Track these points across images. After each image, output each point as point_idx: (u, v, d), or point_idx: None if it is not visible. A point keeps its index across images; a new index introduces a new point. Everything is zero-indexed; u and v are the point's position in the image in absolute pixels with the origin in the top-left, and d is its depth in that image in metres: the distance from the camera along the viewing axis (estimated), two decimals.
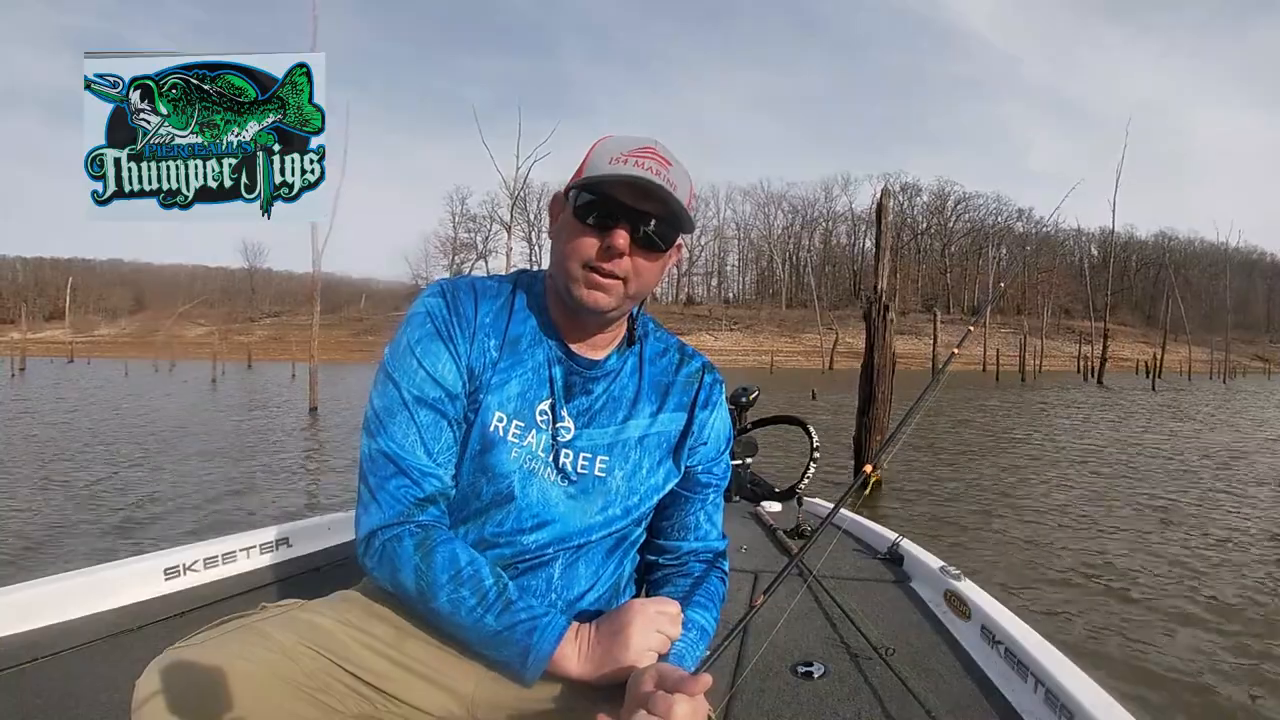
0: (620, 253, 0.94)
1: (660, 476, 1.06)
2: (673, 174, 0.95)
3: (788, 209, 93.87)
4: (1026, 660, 1.45)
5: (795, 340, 71.40)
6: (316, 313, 17.26)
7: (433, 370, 0.97)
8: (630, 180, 0.92)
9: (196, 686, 0.77)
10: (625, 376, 1.07)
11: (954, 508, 6.72)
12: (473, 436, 0.98)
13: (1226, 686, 3.10)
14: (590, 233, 0.95)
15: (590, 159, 0.97)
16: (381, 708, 0.90)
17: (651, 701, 0.75)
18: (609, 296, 0.97)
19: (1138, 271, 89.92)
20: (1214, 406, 20.95)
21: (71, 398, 19.24)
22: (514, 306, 1.04)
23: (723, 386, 1.15)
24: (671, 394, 1.09)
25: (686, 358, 1.13)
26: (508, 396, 0.99)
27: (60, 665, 1.49)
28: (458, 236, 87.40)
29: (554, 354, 1.03)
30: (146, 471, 7.99)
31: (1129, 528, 5.94)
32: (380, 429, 0.96)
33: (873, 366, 8.37)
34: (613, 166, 0.93)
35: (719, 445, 1.13)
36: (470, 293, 1.03)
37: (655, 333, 1.13)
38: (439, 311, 0.99)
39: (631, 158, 0.94)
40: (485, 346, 1.00)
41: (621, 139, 0.98)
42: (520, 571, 0.99)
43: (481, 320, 1.01)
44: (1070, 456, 10.16)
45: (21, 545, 5.05)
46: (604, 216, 0.94)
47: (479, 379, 0.99)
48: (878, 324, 8.44)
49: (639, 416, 1.06)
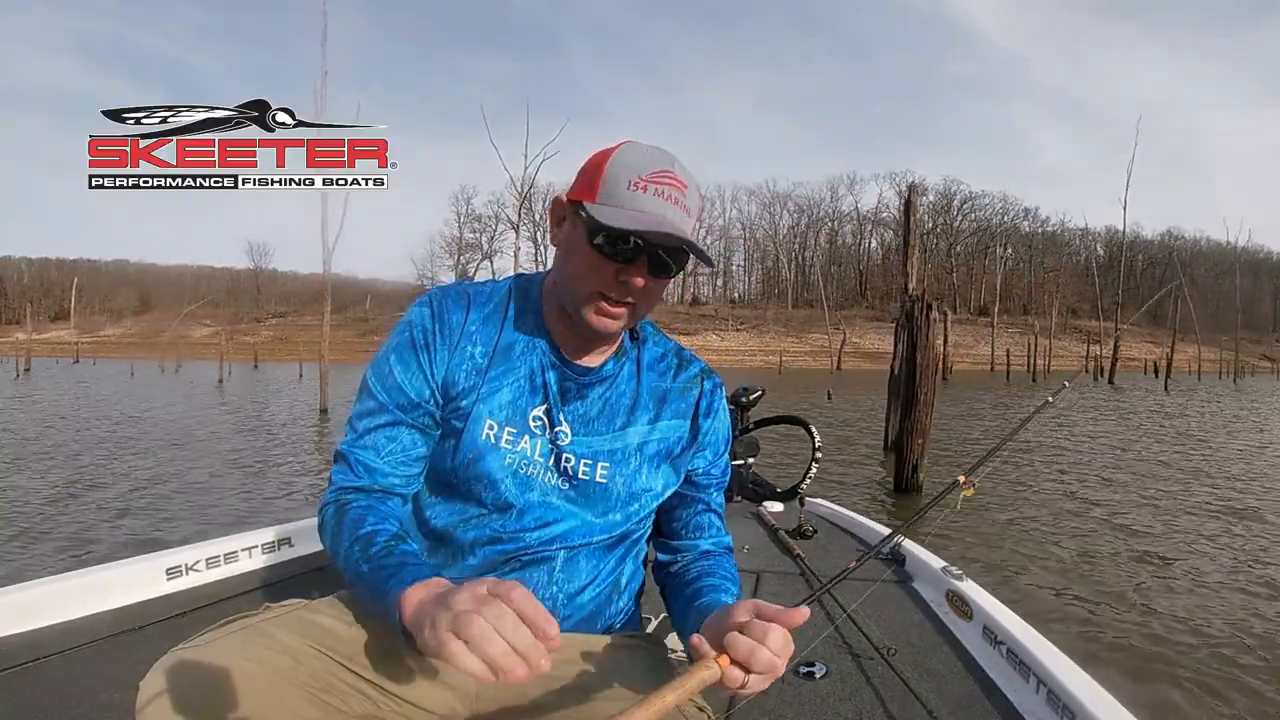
0: (639, 288, 0.94)
1: (659, 483, 1.07)
2: (689, 198, 0.95)
3: (793, 209, 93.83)
4: (1028, 660, 1.44)
5: (802, 340, 71.33)
6: (327, 312, 17.01)
7: (400, 379, 0.98)
8: (657, 234, 0.91)
9: (201, 687, 0.77)
10: (623, 382, 1.07)
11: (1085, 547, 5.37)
12: (464, 444, 0.99)
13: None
14: (605, 261, 0.93)
15: (606, 177, 0.94)
16: (385, 707, 0.90)
17: (748, 628, 0.79)
18: (618, 323, 0.97)
19: (1144, 270, 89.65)
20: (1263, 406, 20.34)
21: (78, 398, 19.33)
22: (509, 313, 1.04)
23: (723, 390, 1.16)
24: (670, 400, 1.09)
25: (684, 363, 1.13)
26: (499, 404, 1.00)
27: (62, 665, 1.50)
28: (463, 237, 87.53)
29: (548, 360, 1.03)
30: (154, 472, 8.01)
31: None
32: (349, 429, 1.00)
33: (915, 367, 7.80)
34: (633, 193, 0.92)
35: (718, 449, 1.14)
36: (461, 299, 1.03)
37: (654, 336, 1.13)
38: (420, 322, 1.00)
39: (651, 184, 0.92)
40: (469, 353, 1.00)
41: (638, 154, 0.95)
42: (523, 564, 1.00)
43: (468, 327, 1.01)
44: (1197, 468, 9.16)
45: (21, 546, 5.08)
46: (622, 251, 0.93)
47: (462, 385, 0.99)
48: (920, 323, 7.93)
49: (638, 423, 1.06)
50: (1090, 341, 61.28)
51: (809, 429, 3.97)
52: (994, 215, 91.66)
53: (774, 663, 0.78)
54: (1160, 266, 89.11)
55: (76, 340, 71.16)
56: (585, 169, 0.98)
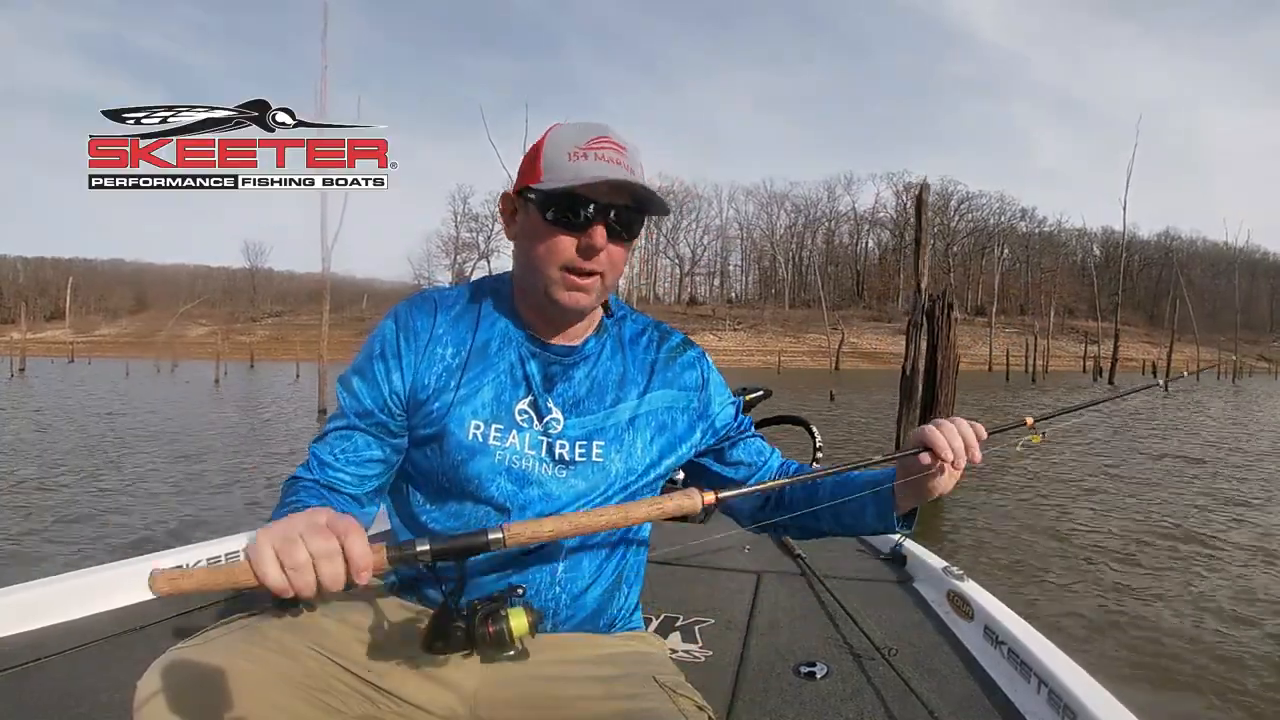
0: (600, 250, 0.96)
1: (655, 452, 1.08)
2: (629, 158, 0.97)
3: (790, 208, 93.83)
4: (1029, 661, 1.44)
5: (799, 340, 71.31)
6: (326, 312, 16.93)
7: (357, 388, 1.02)
8: (606, 181, 0.94)
9: (199, 687, 0.78)
10: (606, 359, 1.09)
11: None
12: (450, 447, 0.99)
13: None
14: (564, 233, 0.96)
15: (544, 154, 0.97)
16: (384, 707, 0.90)
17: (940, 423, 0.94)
18: (589, 295, 0.99)
19: (1140, 270, 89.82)
20: None
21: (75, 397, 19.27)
22: (480, 313, 1.06)
23: (707, 357, 1.19)
24: (657, 371, 1.11)
25: (665, 334, 1.16)
26: (482, 403, 1.01)
27: (62, 665, 1.49)
28: (460, 236, 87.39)
29: (526, 350, 1.04)
30: (151, 472, 8.00)
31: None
32: (320, 431, 1.04)
33: (935, 368, 7.68)
34: (574, 163, 0.95)
35: (726, 396, 1.17)
36: (427, 305, 1.06)
37: (631, 314, 1.15)
38: (384, 334, 1.04)
39: (590, 149, 0.95)
40: (439, 355, 1.02)
41: (571, 128, 0.98)
42: (526, 566, 1.00)
43: (435, 331, 1.03)
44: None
45: (21, 545, 5.07)
46: (577, 216, 0.95)
47: (432, 388, 1.01)
48: (940, 323, 7.77)
49: (628, 398, 1.07)
50: (1088, 341, 61.32)
51: (810, 429, 3.97)
52: (991, 215, 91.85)
53: (965, 433, 0.94)
54: (1156, 267, 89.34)
55: (72, 340, 71.01)
56: (524, 160, 1.01)
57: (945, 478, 0.96)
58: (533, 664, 0.94)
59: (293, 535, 0.72)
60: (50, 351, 65.35)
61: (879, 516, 1.03)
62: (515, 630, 0.80)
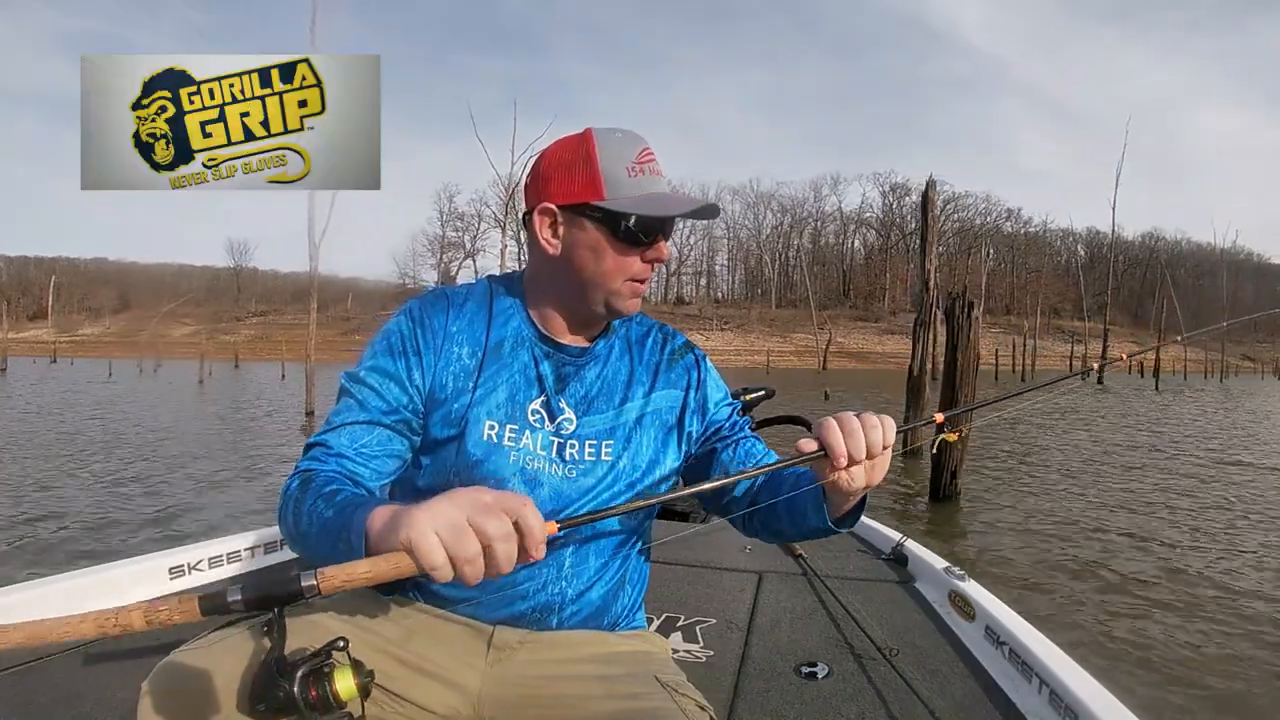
0: (663, 260, 1.02)
1: (658, 451, 1.08)
2: (660, 164, 1.02)
3: (777, 208, 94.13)
4: (1031, 661, 1.45)
5: (787, 340, 71.54)
6: (313, 311, 16.40)
7: (382, 385, 0.98)
8: (691, 213, 1.01)
9: (201, 687, 0.77)
10: (615, 360, 1.10)
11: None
12: (466, 448, 0.98)
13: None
14: (635, 250, 0.99)
15: (601, 169, 0.97)
16: (388, 707, 0.91)
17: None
18: (640, 298, 1.04)
19: (1125, 271, 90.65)
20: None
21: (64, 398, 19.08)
22: (493, 312, 1.06)
23: (707, 359, 1.19)
24: (661, 372, 1.12)
25: (669, 336, 1.18)
26: (496, 404, 1.01)
27: (63, 665, 1.49)
28: (445, 235, 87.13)
29: (540, 350, 1.05)
30: (146, 474, 7.92)
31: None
32: (324, 425, 0.98)
33: (955, 368, 7.44)
34: (635, 179, 0.97)
35: (723, 394, 1.18)
36: (440, 303, 1.05)
37: (636, 316, 1.15)
38: (399, 329, 1.02)
39: (642, 164, 0.98)
40: (456, 355, 1.01)
41: (616, 140, 0.99)
42: (533, 562, 0.99)
43: (450, 329, 1.02)
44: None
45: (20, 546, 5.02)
46: (650, 235, 0.99)
47: (451, 388, 1.00)
48: (961, 322, 7.55)
49: (635, 398, 1.08)
50: (1075, 341, 61.84)
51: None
52: (977, 215, 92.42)
53: (860, 433, 0.85)
54: (1141, 267, 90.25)
55: (54, 339, 70.24)
56: (565, 166, 0.99)
57: (848, 476, 0.86)
58: (536, 663, 0.96)
59: (459, 520, 0.68)
60: (32, 351, 64.75)
61: (820, 518, 0.97)
62: (342, 694, 0.72)
